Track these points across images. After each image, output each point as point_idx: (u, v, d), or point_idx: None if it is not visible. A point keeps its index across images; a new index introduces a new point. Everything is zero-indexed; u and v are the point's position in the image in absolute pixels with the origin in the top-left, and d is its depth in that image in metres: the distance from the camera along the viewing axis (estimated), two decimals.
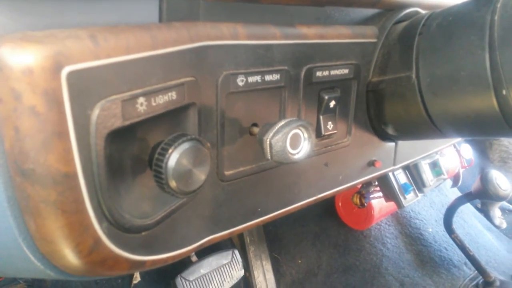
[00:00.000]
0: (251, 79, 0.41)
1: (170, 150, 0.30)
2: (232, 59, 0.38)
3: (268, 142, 0.38)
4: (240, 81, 0.40)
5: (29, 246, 0.27)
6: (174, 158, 0.30)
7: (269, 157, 0.39)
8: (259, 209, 0.47)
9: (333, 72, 0.49)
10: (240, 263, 1.11)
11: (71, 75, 0.24)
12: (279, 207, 0.49)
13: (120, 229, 0.30)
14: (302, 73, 0.45)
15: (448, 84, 0.47)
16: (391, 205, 1.27)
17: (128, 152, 0.32)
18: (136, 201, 0.32)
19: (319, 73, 0.47)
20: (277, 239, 1.36)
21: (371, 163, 0.60)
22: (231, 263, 1.10)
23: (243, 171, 0.43)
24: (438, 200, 1.56)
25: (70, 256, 0.27)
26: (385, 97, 0.55)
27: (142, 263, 0.33)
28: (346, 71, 0.50)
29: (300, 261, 1.37)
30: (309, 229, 1.40)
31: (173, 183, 0.31)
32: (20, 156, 0.24)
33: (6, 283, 0.63)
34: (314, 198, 0.53)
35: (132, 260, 0.31)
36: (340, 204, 1.36)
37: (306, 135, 0.40)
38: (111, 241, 0.29)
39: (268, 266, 1.30)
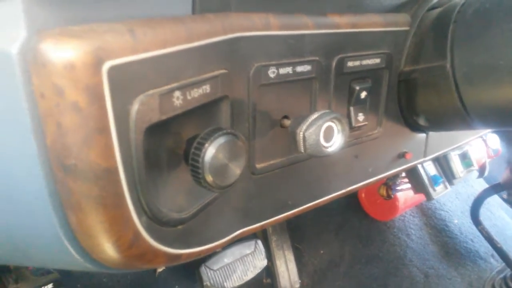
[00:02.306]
0: (282, 70, 0.40)
1: (206, 145, 0.30)
2: (264, 51, 0.38)
3: (301, 135, 0.38)
4: (272, 72, 0.39)
5: (70, 240, 0.28)
6: (210, 152, 0.30)
7: (303, 150, 0.38)
8: (289, 202, 0.46)
9: (364, 62, 0.48)
10: (263, 253, 1.11)
11: (112, 70, 0.24)
12: (309, 200, 0.48)
13: (158, 223, 0.30)
14: (333, 64, 0.44)
15: (486, 73, 0.45)
16: (416, 196, 1.25)
17: (164, 147, 0.32)
18: (172, 195, 0.32)
19: (350, 63, 0.46)
20: (299, 229, 1.36)
21: (402, 155, 0.58)
22: (254, 253, 1.10)
23: (274, 164, 0.43)
24: (463, 191, 1.53)
25: (110, 250, 0.27)
26: (418, 87, 0.53)
27: (178, 256, 0.33)
28: (377, 60, 0.49)
29: (322, 252, 1.37)
30: (332, 220, 1.40)
31: (209, 178, 0.30)
32: (62, 152, 0.24)
33: (38, 273, 0.65)
34: (344, 190, 0.52)
35: (169, 253, 0.31)
36: (363, 195, 1.35)
37: (339, 127, 0.39)
38: (150, 235, 0.29)
39: (290, 256, 1.30)
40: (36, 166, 0.25)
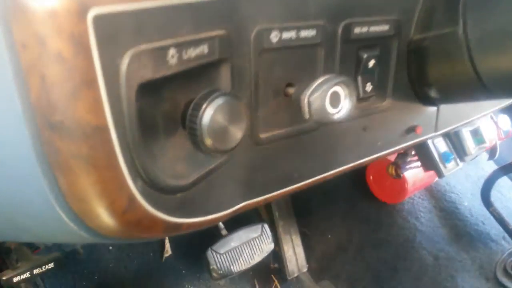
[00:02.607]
0: (285, 35, 0.38)
1: (204, 106, 0.28)
2: (266, 12, 0.36)
3: (306, 101, 0.36)
4: (274, 36, 0.37)
5: (61, 205, 0.26)
6: (208, 114, 0.28)
7: (307, 116, 0.36)
8: (295, 175, 0.44)
9: (372, 29, 0.45)
10: (270, 237, 1.10)
11: (98, 19, 0.22)
12: (316, 173, 0.47)
13: (155, 189, 0.28)
14: (340, 29, 0.42)
15: (501, 39, 0.43)
16: (425, 178, 1.22)
17: (160, 110, 0.30)
18: (170, 161, 0.31)
19: (357, 29, 0.44)
20: (305, 214, 1.35)
21: (412, 129, 0.56)
22: (261, 236, 1.09)
23: (279, 134, 0.41)
24: (473, 173, 1.50)
25: (104, 215, 0.26)
26: (428, 56, 0.51)
27: (178, 225, 0.31)
28: (386, 27, 0.47)
29: (329, 236, 1.35)
30: (339, 204, 1.38)
31: (208, 141, 0.29)
32: (48, 108, 0.22)
33: (42, 253, 0.65)
34: (351, 164, 0.50)
35: (168, 221, 0.30)
36: (371, 177, 1.32)
37: (346, 92, 0.37)
38: (146, 201, 0.28)
39: (297, 241, 1.29)
40: (21, 125, 0.23)
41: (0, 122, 0.24)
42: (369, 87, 0.48)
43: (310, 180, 0.46)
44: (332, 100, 0.37)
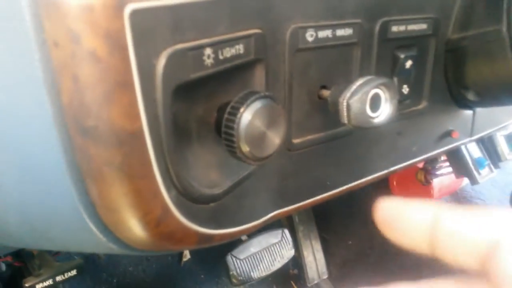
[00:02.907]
0: (321, 33, 0.36)
1: (241, 110, 0.26)
2: (302, 10, 0.34)
3: (345, 104, 0.34)
4: (310, 36, 0.35)
5: (91, 215, 0.25)
6: (246, 118, 0.26)
7: (346, 120, 0.34)
8: (328, 183, 0.42)
9: (410, 28, 0.43)
10: (291, 243, 1.07)
11: (135, 15, 0.20)
12: (349, 181, 0.44)
13: (188, 199, 0.26)
14: (377, 28, 0.40)
15: None
16: (452, 184, 1.18)
17: (193, 114, 0.29)
18: (203, 168, 0.29)
19: (395, 28, 0.41)
20: (325, 219, 1.32)
21: (448, 134, 0.53)
22: (281, 242, 1.07)
23: (312, 140, 0.39)
24: (500, 178, 1.45)
25: (136, 227, 0.24)
26: (467, 56, 0.48)
27: (211, 237, 0.30)
28: (424, 26, 0.44)
29: (350, 242, 1.32)
30: (360, 209, 1.34)
31: (245, 148, 0.27)
32: (81, 111, 0.21)
33: (62, 259, 0.64)
34: (385, 171, 0.48)
35: (201, 233, 0.28)
36: (395, 183, 1.29)
37: (387, 95, 0.35)
38: (180, 212, 0.26)
39: (317, 246, 1.26)
40: (51, 130, 0.22)
41: (28, 127, 0.22)
42: (405, 89, 0.45)
43: (342, 188, 0.44)
44: (372, 103, 0.34)
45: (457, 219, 0.23)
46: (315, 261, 1.25)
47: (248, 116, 0.26)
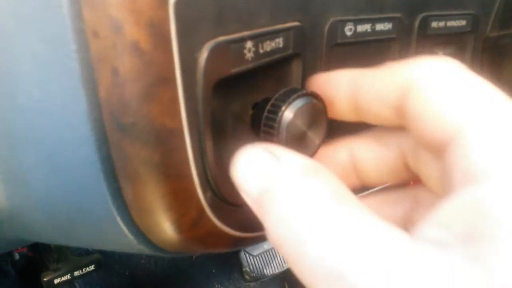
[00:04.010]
0: (360, 28, 0.34)
1: (283, 108, 0.25)
2: (341, 3, 0.32)
3: None
4: (348, 30, 0.33)
5: (123, 216, 0.23)
6: (287, 117, 0.25)
7: None
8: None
9: (449, 24, 0.41)
10: None
11: (180, 4, 0.19)
12: None
13: (223, 200, 0.25)
14: (417, 23, 0.38)
15: None
16: None
17: (228, 111, 0.27)
18: None
19: (434, 24, 0.39)
20: None
21: None
22: None
23: None
24: None
25: (170, 230, 0.23)
26: (506, 55, 0.46)
27: (242, 240, 0.28)
28: (463, 23, 0.42)
29: None
30: None
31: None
32: (119, 107, 0.19)
33: (78, 252, 0.63)
34: None
35: (233, 236, 0.27)
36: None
37: None
38: (215, 214, 0.24)
39: None
40: (85, 126, 0.20)
41: (61, 122, 0.21)
42: None
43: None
44: None
45: (372, 74, 0.24)
46: None
47: (289, 114, 0.25)
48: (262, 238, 0.31)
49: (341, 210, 0.17)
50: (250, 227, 0.30)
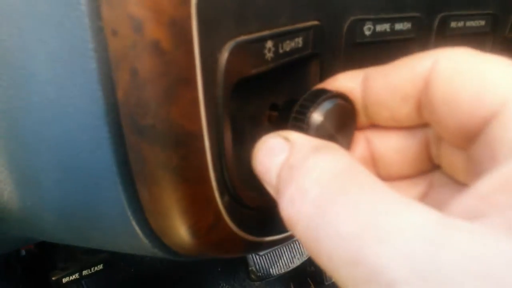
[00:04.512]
0: (379, 27, 0.33)
1: (311, 109, 0.24)
2: (361, 2, 0.31)
3: None
4: (367, 29, 0.32)
5: (139, 220, 0.23)
6: (316, 119, 0.24)
7: None
8: None
9: (468, 24, 0.40)
10: None
11: (202, 2, 0.18)
12: None
13: (240, 205, 0.24)
14: (436, 23, 0.37)
15: None
16: None
17: (247, 112, 0.26)
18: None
19: (453, 24, 0.38)
20: None
21: None
22: None
23: None
24: None
25: (186, 234, 0.22)
26: None
27: (259, 244, 0.28)
28: (482, 23, 0.41)
29: None
30: None
31: None
32: (138, 108, 0.18)
33: (83, 250, 0.62)
34: None
35: (250, 241, 0.26)
36: None
37: None
38: (231, 219, 0.24)
39: None
40: (102, 127, 0.20)
41: (77, 123, 0.21)
42: None
43: None
44: None
45: (385, 68, 0.23)
46: None
47: (318, 117, 0.24)
48: (278, 243, 0.31)
49: (357, 186, 0.15)
50: (266, 231, 0.29)
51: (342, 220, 0.14)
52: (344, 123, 0.25)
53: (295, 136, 0.20)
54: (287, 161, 0.18)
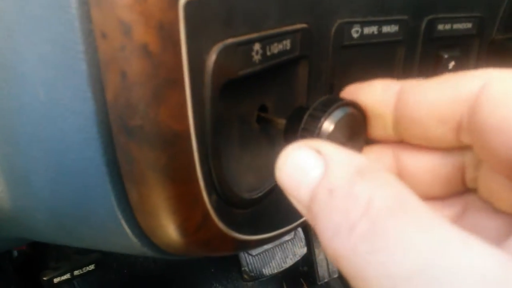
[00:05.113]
0: (367, 30, 0.34)
1: (322, 118, 0.23)
2: (349, 4, 0.32)
3: None
4: (355, 32, 0.33)
5: (128, 219, 0.23)
6: (328, 128, 0.23)
7: None
8: None
9: (455, 26, 0.41)
10: (303, 241, 1.06)
11: (189, 6, 0.19)
12: None
13: (228, 204, 0.25)
14: (423, 26, 0.38)
15: None
16: None
17: (234, 114, 0.27)
18: (243, 171, 0.27)
19: (440, 27, 0.39)
20: None
21: None
22: (294, 240, 1.06)
23: None
24: None
25: (174, 234, 0.23)
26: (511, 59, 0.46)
27: (247, 243, 0.28)
28: (469, 25, 0.42)
29: None
30: None
31: None
32: (127, 110, 0.19)
33: (80, 251, 0.62)
34: None
35: (238, 240, 0.27)
36: None
37: None
38: (219, 218, 0.24)
39: None
40: (92, 128, 0.20)
41: (67, 124, 0.21)
42: None
43: None
44: None
45: (424, 85, 0.20)
46: (326, 259, 1.23)
47: (330, 126, 0.24)
48: (267, 241, 0.31)
49: (411, 221, 0.14)
50: (256, 229, 0.29)
51: (396, 260, 0.13)
52: (355, 132, 0.25)
53: (329, 149, 0.18)
54: (326, 182, 0.16)
